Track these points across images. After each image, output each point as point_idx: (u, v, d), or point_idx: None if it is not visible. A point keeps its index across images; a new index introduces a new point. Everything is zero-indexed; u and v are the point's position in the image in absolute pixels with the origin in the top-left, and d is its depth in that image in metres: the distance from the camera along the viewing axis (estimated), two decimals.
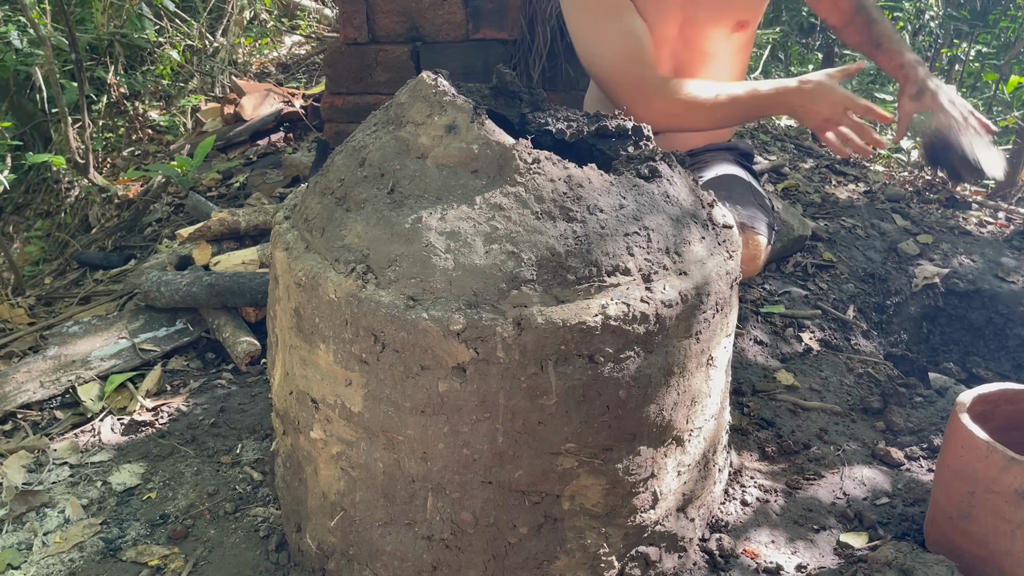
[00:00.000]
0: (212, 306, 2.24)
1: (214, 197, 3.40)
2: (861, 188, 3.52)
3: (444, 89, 1.26)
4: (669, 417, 1.24)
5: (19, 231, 4.32)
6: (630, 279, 1.16)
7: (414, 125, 1.25)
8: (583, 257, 1.13)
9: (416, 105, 1.27)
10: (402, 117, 1.28)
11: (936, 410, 2.05)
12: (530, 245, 1.12)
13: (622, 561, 1.30)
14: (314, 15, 5.67)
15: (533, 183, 1.16)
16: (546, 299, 1.11)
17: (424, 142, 1.23)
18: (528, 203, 1.15)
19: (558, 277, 1.12)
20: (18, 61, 4.07)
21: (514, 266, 1.11)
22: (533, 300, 1.11)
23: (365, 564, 1.29)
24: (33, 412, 1.98)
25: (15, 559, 1.50)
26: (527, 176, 1.17)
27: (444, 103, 1.24)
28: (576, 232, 1.14)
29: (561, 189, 1.16)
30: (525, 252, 1.12)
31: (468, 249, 1.12)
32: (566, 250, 1.13)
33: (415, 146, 1.24)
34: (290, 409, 1.33)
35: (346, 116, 3.17)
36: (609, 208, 1.18)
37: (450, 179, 1.19)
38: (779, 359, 2.23)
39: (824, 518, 1.60)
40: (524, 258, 1.11)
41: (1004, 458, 1.30)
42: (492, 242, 1.13)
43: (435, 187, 1.19)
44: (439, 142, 1.21)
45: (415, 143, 1.24)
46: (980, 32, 3.99)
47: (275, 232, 1.35)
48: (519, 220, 1.14)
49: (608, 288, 1.14)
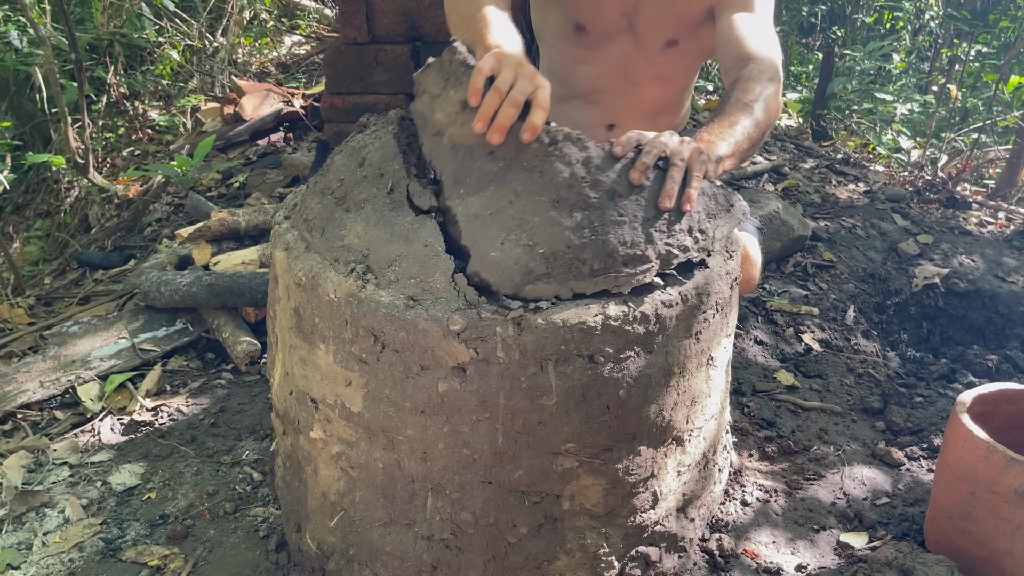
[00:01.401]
0: (212, 306, 2.24)
1: (214, 197, 3.40)
2: (861, 188, 3.52)
3: (462, 59, 1.17)
4: (669, 417, 1.24)
5: (19, 231, 4.32)
6: (648, 266, 1.13)
7: (430, 96, 1.18)
8: (599, 248, 1.09)
9: (431, 74, 1.19)
10: (419, 87, 1.20)
11: (936, 410, 2.05)
12: (546, 236, 1.08)
13: (622, 561, 1.30)
14: (314, 15, 5.67)
15: (551, 167, 1.11)
16: (562, 291, 1.09)
17: (439, 118, 1.16)
18: (545, 189, 1.10)
19: (573, 270, 1.09)
20: (18, 61, 4.07)
21: (529, 259, 1.08)
22: (548, 293, 1.09)
23: (365, 564, 1.29)
24: (33, 412, 1.97)
25: (15, 559, 1.50)
26: (545, 159, 1.12)
27: (460, 74, 1.15)
28: (593, 221, 1.10)
29: (580, 173, 1.11)
30: (541, 244, 1.08)
31: (484, 240, 1.09)
32: (582, 241, 1.09)
33: (431, 122, 1.17)
34: (290, 409, 1.33)
35: (346, 116, 3.16)
36: (627, 192, 1.13)
37: (466, 161, 1.14)
38: (779, 359, 2.23)
39: (824, 518, 1.60)
40: (540, 251, 1.08)
41: (1004, 458, 1.30)
42: (508, 232, 1.09)
43: (450, 170, 1.14)
44: (454, 119, 1.14)
45: (431, 118, 1.17)
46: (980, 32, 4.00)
47: (275, 232, 1.35)
48: (535, 209, 1.09)
49: (624, 278, 1.11)
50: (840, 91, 4.25)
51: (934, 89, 4.70)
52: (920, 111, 4.37)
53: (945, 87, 4.28)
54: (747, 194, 2.89)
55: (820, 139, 4.25)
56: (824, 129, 4.31)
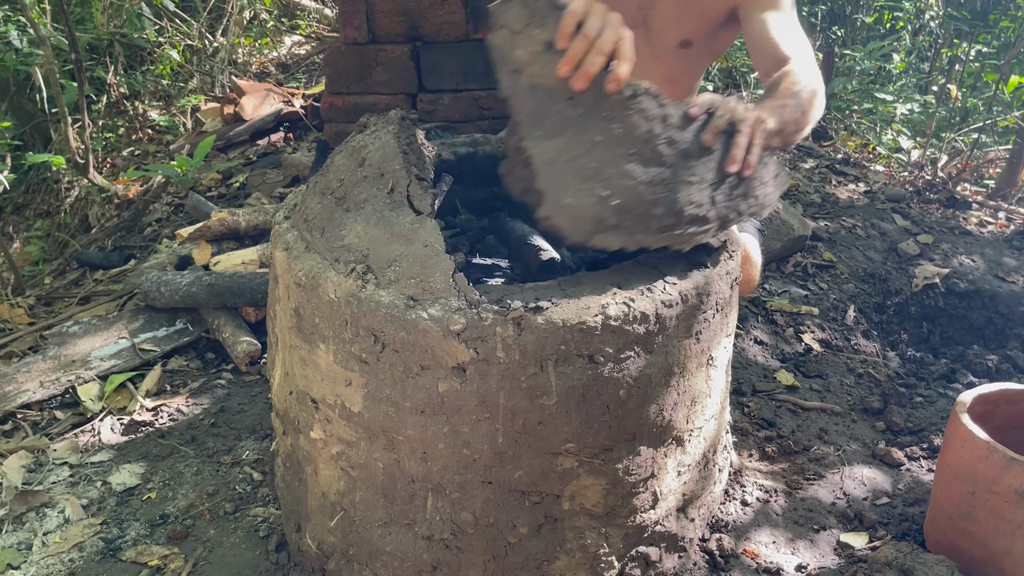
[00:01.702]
0: (212, 306, 2.24)
1: (214, 197, 3.40)
2: (861, 188, 3.52)
3: None
4: (669, 417, 1.24)
5: (19, 231, 4.32)
6: (708, 227, 1.17)
7: (509, 32, 1.16)
8: (670, 205, 1.12)
9: (513, 9, 1.17)
10: (498, 19, 1.19)
11: (936, 410, 2.05)
12: (621, 189, 1.11)
13: (622, 561, 1.30)
14: (314, 15, 5.67)
15: (629, 121, 1.13)
16: (629, 243, 1.13)
17: (520, 56, 1.15)
18: (623, 142, 1.12)
19: (642, 224, 1.12)
20: (18, 61, 4.07)
21: (601, 209, 1.11)
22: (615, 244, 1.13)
23: (365, 564, 1.29)
24: (33, 412, 1.97)
25: (15, 559, 1.50)
26: (624, 111, 1.13)
27: (544, 14, 1.14)
28: (666, 178, 1.13)
29: (656, 130, 1.13)
30: (614, 196, 1.11)
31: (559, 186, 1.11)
32: (654, 197, 1.12)
33: (510, 58, 1.16)
34: (290, 409, 1.33)
35: (346, 116, 3.16)
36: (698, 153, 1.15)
37: (545, 103, 1.14)
38: (779, 359, 2.23)
39: (824, 518, 1.60)
40: (613, 202, 1.10)
41: (1004, 458, 1.30)
42: (584, 181, 1.11)
43: (528, 110, 1.14)
44: (536, 59, 1.14)
45: (510, 54, 1.16)
46: (980, 32, 3.99)
47: (275, 232, 1.35)
48: (612, 160, 1.11)
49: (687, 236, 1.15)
50: (840, 91, 4.25)
51: (934, 89, 4.69)
52: (920, 111, 4.37)
53: (945, 87, 4.28)
54: None
55: (820, 139, 4.25)
56: (824, 129, 4.32)
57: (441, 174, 1.62)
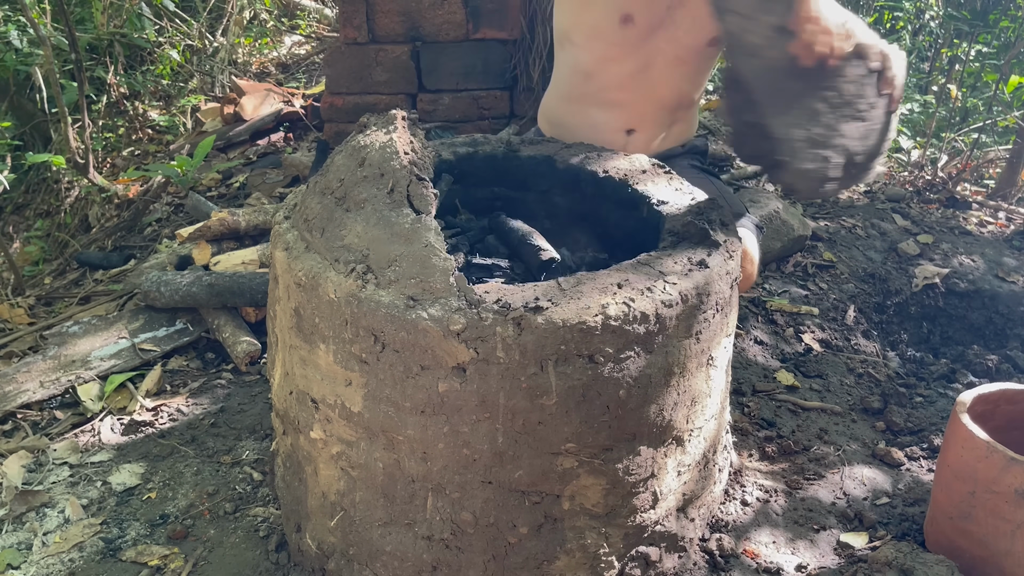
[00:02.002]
0: (212, 306, 2.24)
1: (214, 197, 3.40)
2: (861, 188, 3.51)
3: None
4: (669, 417, 1.24)
5: (19, 231, 4.31)
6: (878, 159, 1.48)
7: (739, 17, 1.31)
8: (869, 152, 1.44)
9: None
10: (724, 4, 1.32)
11: (936, 410, 2.05)
12: (839, 149, 1.36)
13: (622, 561, 1.30)
14: (314, 15, 5.67)
15: (841, 87, 1.37)
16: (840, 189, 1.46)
17: (753, 40, 1.30)
18: (838, 107, 1.36)
19: (848, 172, 1.41)
20: (18, 61, 4.07)
21: (826, 169, 1.37)
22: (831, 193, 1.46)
23: (365, 564, 1.29)
24: (33, 412, 1.97)
25: (15, 559, 1.50)
26: (837, 80, 1.36)
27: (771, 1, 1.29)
28: (863, 132, 1.41)
29: (855, 91, 1.38)
30: (835, 156, 1.35)
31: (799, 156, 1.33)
32: (856, 147, 1.40)
33: (744, 43, 1.31)
34: (290, 409, 1.33)
35: (346, 116, 3.17)
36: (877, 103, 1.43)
37: (778, 81, 1.32)
38: (779, 359, 2.23)
39: (824, 518, 1.60)
40: (834, 161, 1.37)
41: (1004, 458, 1.30)
42: (815, 147, 1.34)
43: (764, 89, 1.31)
44: (769, 43, 1.30)
45: (742, 39, 1.31)
46: (980, 32, 3.99)
47: (275, 232, 1.35)
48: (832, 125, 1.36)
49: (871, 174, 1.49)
50: None
51: (934, 89, 4.69)
52: (920, 111, 4.37)
53: (945, 87, 4.27)
54: (747, 194, 2.90)
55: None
56: None
57: (441, 174, 1.62)
